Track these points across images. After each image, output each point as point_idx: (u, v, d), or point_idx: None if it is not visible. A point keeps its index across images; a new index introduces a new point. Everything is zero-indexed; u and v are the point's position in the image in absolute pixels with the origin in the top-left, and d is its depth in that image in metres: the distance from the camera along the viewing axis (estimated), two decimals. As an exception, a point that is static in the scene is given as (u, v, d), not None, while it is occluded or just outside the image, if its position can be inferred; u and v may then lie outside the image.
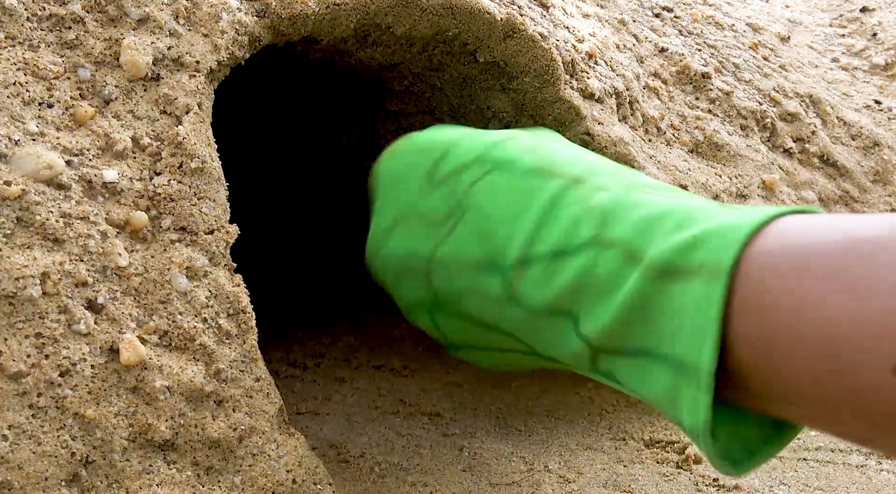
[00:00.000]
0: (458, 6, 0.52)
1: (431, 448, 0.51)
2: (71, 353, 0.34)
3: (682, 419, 0.31)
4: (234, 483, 0.36)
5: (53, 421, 0.33)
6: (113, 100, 0.40)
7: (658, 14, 0.80)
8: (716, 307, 0.29)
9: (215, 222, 0.40)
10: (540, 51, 0.55)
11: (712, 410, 0.30)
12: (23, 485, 0.32)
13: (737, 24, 0.87)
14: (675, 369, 0.31)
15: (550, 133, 0.42)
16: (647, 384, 0.32)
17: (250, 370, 0.38)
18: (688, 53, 0.76)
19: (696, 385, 0.30)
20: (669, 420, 0.32)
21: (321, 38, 0.49)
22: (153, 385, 0.35)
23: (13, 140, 0.36)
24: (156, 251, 0.38)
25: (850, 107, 0.87)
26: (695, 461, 0.54)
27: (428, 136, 0.42)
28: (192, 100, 0.41)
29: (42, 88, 0.38)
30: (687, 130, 0.70)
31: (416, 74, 0.57)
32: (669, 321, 0.31)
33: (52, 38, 0.40)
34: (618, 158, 0.58)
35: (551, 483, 0.49)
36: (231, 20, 0.44)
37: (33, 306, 0.34)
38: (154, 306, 0.37)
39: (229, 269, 0.40)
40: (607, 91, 0.61)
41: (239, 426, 0.37)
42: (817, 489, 0.52)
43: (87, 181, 0.37)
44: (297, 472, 0.37)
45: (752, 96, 0.77)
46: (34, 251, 0.35)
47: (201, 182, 0.40)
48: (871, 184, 0.80)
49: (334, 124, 0.69)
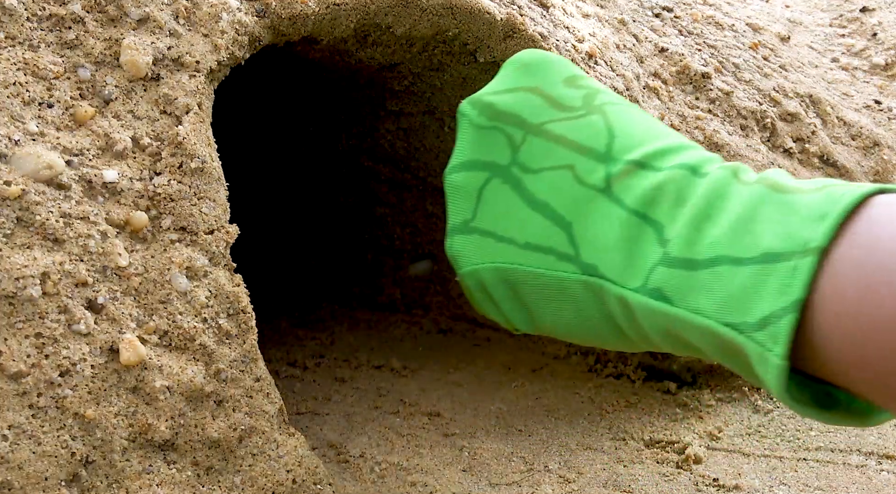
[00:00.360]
0: (458, 6, 0.52)
1: (431, 448, 0.51)
2: (71, 353, 0.34)
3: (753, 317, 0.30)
4: (234, 483, 0.36)
5: (53, 421, 0.33)
6: (113, 100, 0.40)
7: (658, 14, 0.80)
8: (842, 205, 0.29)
9: (215, 222, 0.40)
10: (540, 51, 0.55)
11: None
12: (23, 485, 0.32)
13: (737, 24, 0.87)
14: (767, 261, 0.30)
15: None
16: (716, 290, 0.31)
17: (250, 370, 0.38)
18: (688, 53, 0.76)
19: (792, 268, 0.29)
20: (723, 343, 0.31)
21: (321, 38, 0.49)
22: (153, 385, 0.35)
23: (13, 140, 0.36)
24: (156, 251, 0.38)
25: (850, 107, 0.87)
26: (695, 461, 0.54)
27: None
28: (192, 100, 0.41)
29: (42, 88, 0.38)
30: (687, 130, 0.70)
31: (416, 74, 0.57)
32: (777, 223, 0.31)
33: (52, 38, 0.40)
34: (618, 158, 0.58)
35: (551, 483, 0.49)
36: (231, 20, 0.44)
37: (33, 306, 0.34)
38: (154, 307, 0.37)
39: (229, 269, 0.40)
40: (607, 91, 0.61)
41: (239, 426, 0.37)
42: (817, 489, 0.52)
43: (87, 181, 0.37)
44: (297, 472, 0.37)
45: (752, 96, 0.77)
46: (34, 251, 0.35)
47: (201, 182, 0.40)
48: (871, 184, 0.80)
49: (334, 124, 0.69)
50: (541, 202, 0.36)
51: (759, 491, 0.51)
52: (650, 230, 0.34)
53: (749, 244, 0.32)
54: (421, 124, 0.62)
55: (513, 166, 0.37)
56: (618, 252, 0.34)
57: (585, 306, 0.36)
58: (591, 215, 0.35)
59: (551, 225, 0.36)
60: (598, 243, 0.35)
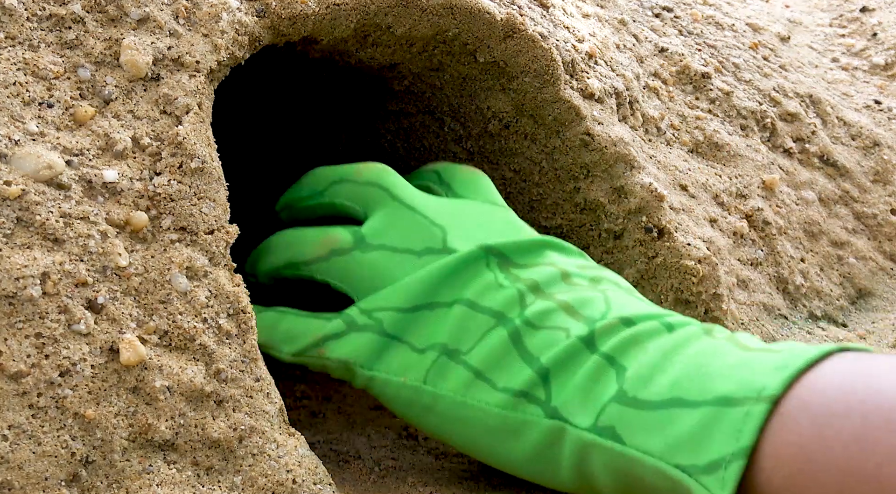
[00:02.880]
0: (458, 6, 0.52)
1: (431, 448, 0.51)
2: (71, 353, 0.34)
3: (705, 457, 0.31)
4: (234, 483, 0.36)
5: (53, 421, 0.33)
6: (113, 100, 0.40)
7: (658, 14, 0.80)
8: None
9: (215, 222, 0.40)
10: (540, 51, 0.55)
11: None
12: (23, 485, 0.32)
13: (737, 24, 0.87)
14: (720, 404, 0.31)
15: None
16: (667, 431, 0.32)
17: (250, 370, 0.38)
18: (688, 53, 0.76)
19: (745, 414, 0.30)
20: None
21: (321, 38, 0.49)
22: (153, 385, 0.35)
23: (13, 140, 0.36)
24: (156, 251, 0.38)
25: (850, 107, 0.87)
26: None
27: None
28: (192, 100, 0.41)
29: (42, 88, 0.38)
30: (687, 129, 0.70)
31: (416, 74, 0.57)
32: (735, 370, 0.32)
33: (52, 38, 0.40)
34: (618, 158, 0.58)
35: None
36: (231, 20, 0.44)
37: (33, 306, 0.34)
38: (154, 306, 0.37)
39: (229, 269, 0.40)
40: (607, 91, 0.61)
41: (239, 426, 0.37)
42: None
43: (87, 181, 0.37)
44: (297, 472, 0.37)
45: (752, 96, 0.77)
46: (34, 251, 0.35)
47: (201, 182, 0.40)
48: (871, 184, 0.80)
49: (334, 124, 0.69)
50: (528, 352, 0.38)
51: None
52: (612, 371, 0.35)
53: (704, 388, 0.32)
54: (421, 124, 0.62)
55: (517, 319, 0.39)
56: (579, 391, 0.36)
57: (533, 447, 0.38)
58: (567, 364, 0.37)
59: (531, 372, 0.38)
60: (567, 386, 0.37)
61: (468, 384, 0.39)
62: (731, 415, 0.30)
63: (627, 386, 0.34)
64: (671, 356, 0.34)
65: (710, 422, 0.31)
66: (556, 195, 0.60)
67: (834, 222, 0.75)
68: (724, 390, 0.31)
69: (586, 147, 0.58)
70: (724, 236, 0.65)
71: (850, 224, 0.76)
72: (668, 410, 0.32)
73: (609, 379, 0.35)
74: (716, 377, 0.32)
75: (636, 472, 0.33)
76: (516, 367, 0.38)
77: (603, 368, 0.35)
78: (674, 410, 0.32)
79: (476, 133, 0.60)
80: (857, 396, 0.28)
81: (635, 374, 0.34)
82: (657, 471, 0.32)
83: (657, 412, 0.32)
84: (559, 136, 0.58)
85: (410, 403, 0.41)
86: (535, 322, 0.38)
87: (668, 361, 0.34)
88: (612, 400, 0.34)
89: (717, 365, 0.33)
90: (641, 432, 0.33)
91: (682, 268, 0.58)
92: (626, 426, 0.33)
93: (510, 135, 0.59)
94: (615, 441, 0.33)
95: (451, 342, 0.40)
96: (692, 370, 0.33)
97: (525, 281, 0.40)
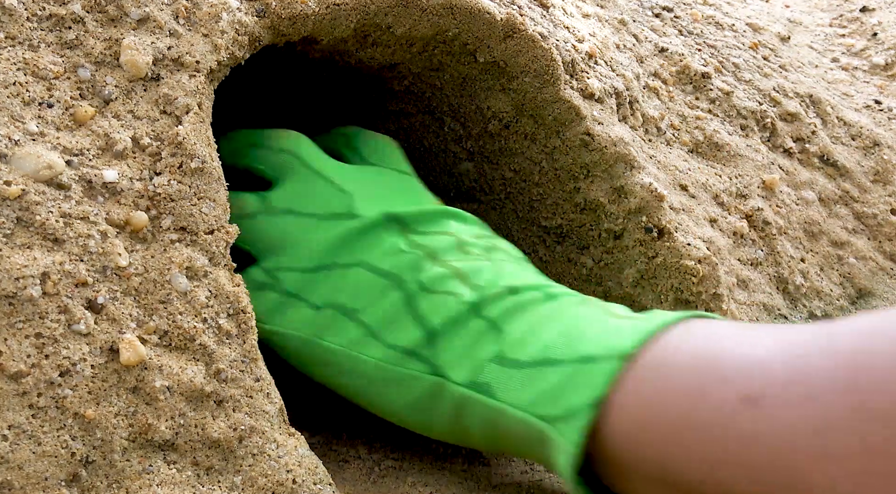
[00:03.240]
0: (458, 6, 0.52)
1: (431, 448, 0.51)
2: (71, 353, 0.34)
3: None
4: (234, 483, 0.36)
5: (53, 421, 0.33)
6: (113, 100, 0.40)
7: (658, 14, 0.80)
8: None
9: (215, 222, 0.40)
10: (540, 51, 0.55)
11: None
12: (23, 485, 0.32)
13: (737, 24, 0.87)
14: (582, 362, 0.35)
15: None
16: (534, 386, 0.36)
17: (250, 370, 0.38)
18: (688, 53, 0.76)
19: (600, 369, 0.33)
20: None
21: (321, 38, 0.49)
22: (153, 385, 0.35)
23: (13, 140, 0.36)
24: (156, 251, 0.38)
25: (850, 107, 0.87)
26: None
27: None
28: (192, 100, 0.41)
29: (42, 88, 0.38)
30: (687, 129, 0.70)
31: (416, 74, 0.57)
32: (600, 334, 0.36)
33: (52, 38, 0.40)
34: (618, 158, 0.58)
35: (551, 483, 0.49)
36: (231, 20, 0.44)
37: (33, 306, 0.34)
38: (154, 307, 0.37)
39: (229, 269, 0.40)
40: (607, 91, 0.61)
41: (239, 426, 0.37)
42: (817, 489, 0.52)
43: (87, 181, 0.37)
44: (297, 472, 0.37)
45: (752, 96, 0.77)
46: (34, 251, 0.35)
47: (201, 182, 0.40)
48: (871, 184, 0.80)
49: (334, 124, 0.69)
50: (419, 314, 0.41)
51: (759, 491, 0.51)
52: (493, 335, 0.39)
53: (571, 349, 0.36)
54: (421, 124, 0.62)
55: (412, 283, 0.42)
56: (461, 351, 0.39)
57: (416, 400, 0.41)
58: (455, 327, 0.40)
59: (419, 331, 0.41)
60: (452, 347, 0.39)
61: (359, 341, 0.41)
62: (589, 371, 0.34)
63: (505, 348, 0.37)
64: (547, 322, 0.38)
65: (570, 377, 0.34)
66: (556, 195, 0.60)
67: (834, 222, 0.75)
68: (587, 351, 0.35)
69: (586, 147, 0.58)
70: (724, 236, 0.65)
71: (851, 224, 0.76)
72: (537, 368, 0.36)
73: (490, 342, 0.38)
74: (582, 340, 0.35)
75: (505, 424, 0.36)
76: (407, 327, 0.40)
77: (485, 332, 0.38)
78: (542, 368, 0.35)
79: (476, 133, 0.60)
80: (697, 353, 0.31)
81: (513, 338, 0.37)
82: (523, 421, 0.35)
83: (528, 370, 0.36)
84: (559, 136, 0.58)
85: (306, 356, 0.44)
86: (429, 287, 0.41)
87: (543, 327, 0.37)
88: (489, 360, 0.37)
89: (586, 330, 0.36)
90: (512, 388, 0.36)
91: (682, 268, 0.58)
92: (500, 383, 0.36)
93: (510, 135, 0.59)
94: (489, 397, 0.37)
95: (349, 302, 0.42)
96: (563, 334, 0.36)
97: (423, 248, 0.43)
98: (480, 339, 0.38)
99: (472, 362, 0.38)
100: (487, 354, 0.38)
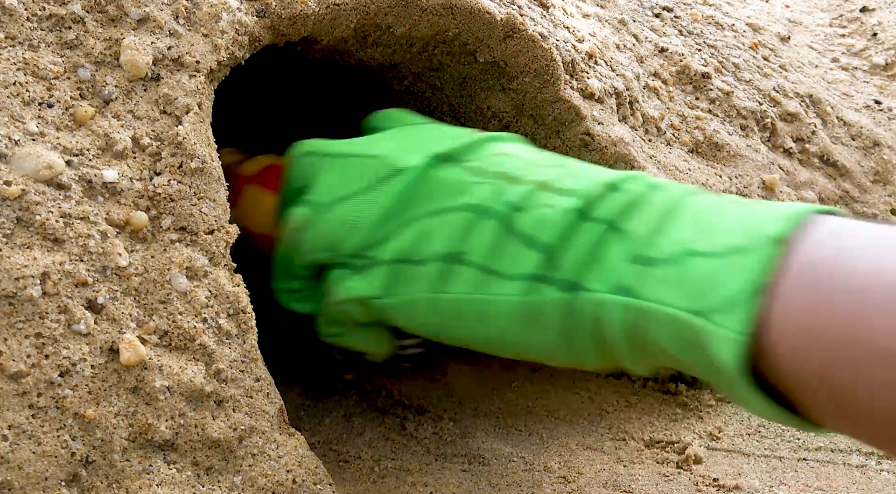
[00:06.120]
0: (458, 6, 0.52)
1: (431, 448, 0.51)
2: (71, 353, 0.34)
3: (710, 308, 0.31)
4: (234, 483, 0.36)
5: (53, 421, 0.33)
6: (113, 100, 0.40)
7: (658, 14, 0.80)
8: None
9: (215, 222, 0.40)
10: (540, 51, 0.55)
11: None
12: (23, 485, 0.32)
13: (737, 24, 0.87)
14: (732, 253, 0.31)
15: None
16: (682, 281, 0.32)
17: (250, 370, 0.38)
18: (688, 53, 0.76)
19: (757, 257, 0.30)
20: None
21: (321, 38, 0.49)
22: (153, 385, 0.35)
23: (13, 140, 0.36)
24: (156, 251, 0.38)
25: (850, 107, 0.87)
26: (695, 461, 0.54)
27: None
28: (192, 100, 0.41)
29: (42, 88, 0.38)
30: (687, 129, 0.70)
31: (416, 74, 0.57)
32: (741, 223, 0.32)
33: (52, 38, 0.40)
34: (618, 158, 0.58)
35: (551, 483, 0.49)
36: (231, 20, 0.44)
37: (33, 306, 0.34)
38: (154, 306, 0.37)
39: (229, 269, 0.40)
40: (607, 91, 0.61)
41: (239, 426, 0.37)
42: (817, 489, 0.52)
43: (87, 181, 0.37)
44: (297, 472, 0.37)
45: (752, 96, 0.77)
46: (34, 251, 0.35)
47: (201, 182, 0.40)
48: (871, 184, 0.80)
49: (334, 124, 0.69)
50: (525, 235, 0.38)
51: (759, 491, 0.51)
52: (615, 236, 0.36)
53: (710, 241, 0.33)
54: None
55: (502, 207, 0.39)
56: (587, 259, 0.36)
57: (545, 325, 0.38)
58: (569, 237, 0.37)
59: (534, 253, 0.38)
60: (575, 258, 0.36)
61: (480, 282, 0.38)
62: (744, 261, 0.30)
63: (636, 247, 0.34)
64: (670, 216, 0.35)
65: (723, 269, 0.31)
66: (556, 195, 0.60)
67: (834, 222, 0.74)
68: (729, 241, 0.31)
69: (586, 147, 0.58)
70: (724, 236, 0.65)
71: (850, 224, 0.76)
72: (679, 262, 0.32)
73: (615, 243, 0.35)
74: (718, 230, 0.32)
75: (654, 328, 0.33)
76: (521, 252, 0.37)
77: (606, 234, 0.35)
78: (686, 259, 0.32)
79: (476, 133, 0.60)
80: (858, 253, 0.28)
81: (639, 236, 0.34)
82: (674, 320, 0.32)
83: (669, 266, 0.33)
84: (559, 136, 0.58)
85: (427, 316, 0.40)
86: (521, 206, 0.38)
87: (668, 221, 0.34)
88: (622, 261, 0.34)
89: (717, 219, 0.33)
90: (657, 285, 0.33)
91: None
92: (641, 283, 0.33)
93: (510, 135, 0.59)
94: (634, 297, 0.33)
95: (446, 247, 0.39)
96: (694, 226, 0.33)
97: (489, 173, 0.41)
98: (604, 243, 0.35)
99: (603, 268, 0.35)
100: (619, 255, 0.35)
